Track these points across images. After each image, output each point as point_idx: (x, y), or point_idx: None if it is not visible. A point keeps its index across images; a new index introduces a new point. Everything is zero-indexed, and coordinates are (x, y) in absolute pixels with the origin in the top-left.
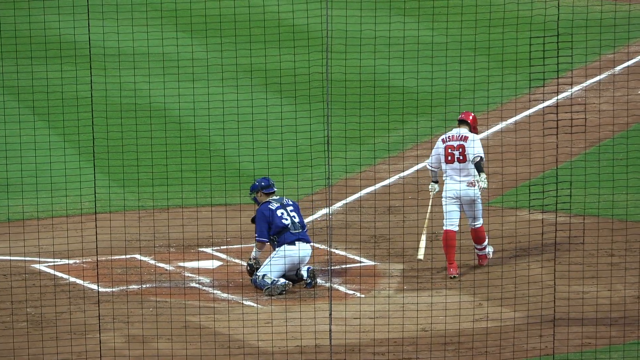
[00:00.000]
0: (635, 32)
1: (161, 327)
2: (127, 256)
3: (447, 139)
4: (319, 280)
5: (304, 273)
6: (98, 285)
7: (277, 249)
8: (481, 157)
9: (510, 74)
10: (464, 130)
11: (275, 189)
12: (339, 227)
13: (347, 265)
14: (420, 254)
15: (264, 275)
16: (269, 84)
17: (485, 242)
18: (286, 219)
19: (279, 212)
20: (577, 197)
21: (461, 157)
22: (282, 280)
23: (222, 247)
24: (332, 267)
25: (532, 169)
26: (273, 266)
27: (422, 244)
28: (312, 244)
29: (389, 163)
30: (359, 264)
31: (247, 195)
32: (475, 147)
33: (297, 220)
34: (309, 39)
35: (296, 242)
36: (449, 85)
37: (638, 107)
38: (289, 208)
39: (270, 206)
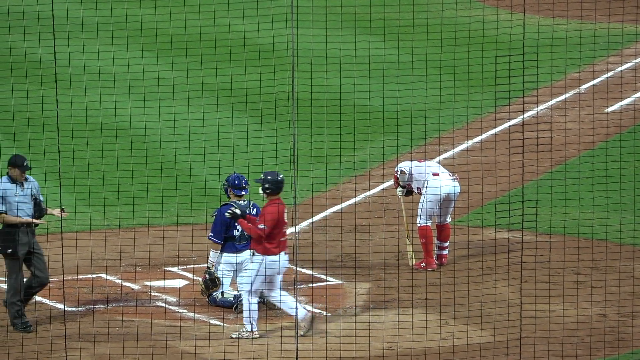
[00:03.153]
0: (601, 50)
1: (127, 347)
2: (94, 275)
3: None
4: None
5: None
6: (64, 305)
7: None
8: None
9: (476, 92)
10: None
11: (244, 193)
12: (306, 245)
13: (314, 284)
14: (411, 261)
15: (222, 293)
16: (234, 102)
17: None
18: (237, 230)
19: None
20: (543, 215)
21: None
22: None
23: (188, 266)
24: (299, 286)
25: (498, 188)
26: (222, 279)
27: (410, 248)
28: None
29: (355, 182)
30: (325, 283)
31: (211, 215)
32: None
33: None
34: (275, 58)
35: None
36: (415, 104)
37: (604, 125)
38: None
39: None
